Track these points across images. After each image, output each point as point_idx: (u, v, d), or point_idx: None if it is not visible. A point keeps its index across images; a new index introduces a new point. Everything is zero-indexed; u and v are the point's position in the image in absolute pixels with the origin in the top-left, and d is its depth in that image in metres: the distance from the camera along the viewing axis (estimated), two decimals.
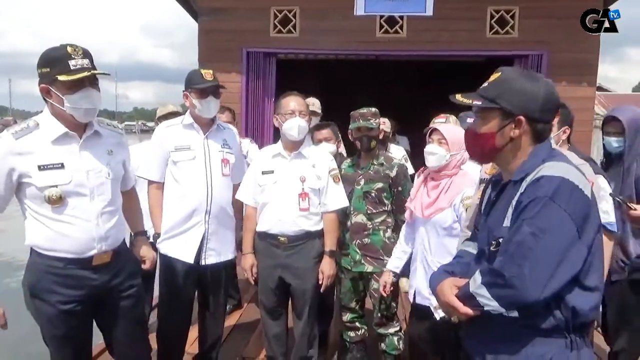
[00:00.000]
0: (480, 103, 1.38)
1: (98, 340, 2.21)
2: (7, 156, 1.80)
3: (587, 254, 1.26)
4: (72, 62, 1.79)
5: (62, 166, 1.85)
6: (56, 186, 1.83)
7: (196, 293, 2.78)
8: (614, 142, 2.60)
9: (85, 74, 1.80)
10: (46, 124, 1.88)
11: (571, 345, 1.29)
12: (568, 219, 1.22)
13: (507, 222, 1.33)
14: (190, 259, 2.59)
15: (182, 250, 2.59)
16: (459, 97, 1.45)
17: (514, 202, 1.32)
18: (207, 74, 2.58)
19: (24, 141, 1.82)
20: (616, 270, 2.54)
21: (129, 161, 2.23)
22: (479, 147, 1.43)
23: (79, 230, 1.88)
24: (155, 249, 2.62)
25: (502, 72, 1.41)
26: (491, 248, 1.36)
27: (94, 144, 1.96)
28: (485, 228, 1.45)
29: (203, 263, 2.63)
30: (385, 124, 4.08)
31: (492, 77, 1.41)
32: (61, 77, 1.77)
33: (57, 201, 1.84)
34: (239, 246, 2.85)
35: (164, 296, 2.70)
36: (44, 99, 1.88)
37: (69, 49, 1.81)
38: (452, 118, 2.90)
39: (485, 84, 1.42)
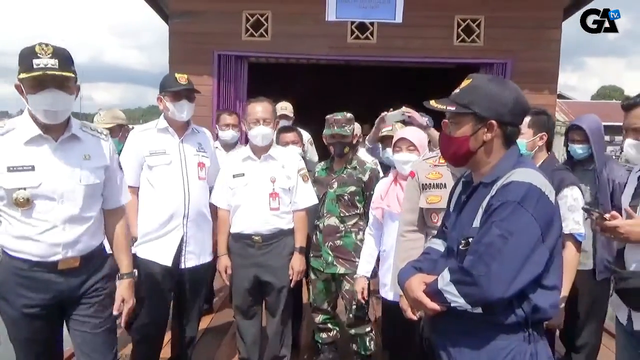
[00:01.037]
0: (453, 109, 1.44)
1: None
2: None
3: (549, 256, 1.34)
4: (36, 61, 1.73)
5: (32, 168, 1.80)
6: (24, 189, 1.78)
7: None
8: (579, 149, 2.78)
9: (38, 73, 1.73)
10: (22, 124, 1.84)
11: (529, 338, 1.37)
12: (534, 223, 1.30)
13: (476, 223, 1.40)
14: (168, 262, 2.56)
15: (160, 253, 2.57)
16: (432, 103, 1.51)
17: (484, 204, 1.39)
18: (182, 77, 2.59)
19: None
20: (601, 270, 2.72)
21: (118, 171, 2.09)
22: (453, 151, 1.49)
23: (43, 234, 1.83)
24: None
25: (473, 79, 1.48)
26: (460, 247, 1.43)
27: (69, 148, 1.89)
28: (455, 227, 1.52)
29: (183, 266, 2.62)
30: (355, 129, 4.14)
31: (464, 84, 1.48)
32: (20, 75, 1.75)
33: (25, 204, 1.79)
34: (215, 249, 2.84)
35: (140, 300, 2.64)
36: None
37: (37, 47, 1.75)
38: (398, 125, 3.00)
39: (457, 90, 1.48)
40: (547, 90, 5.19)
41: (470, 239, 1.39)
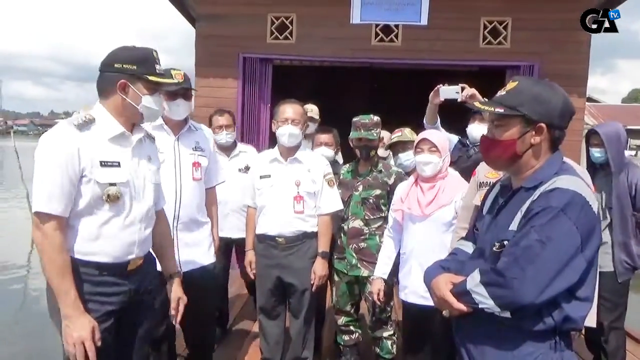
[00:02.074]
0: (502, 110, 1.43)
1: None
2: (73, 148, 1.69)
3: (586, 267, 1.32)
4: (157, 66, 1.84)
5: (119, 165, 1.80)
6: (115, 184, 1.77)
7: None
8: (596, 153, 2.93)
9: (171, 80, 1.91)
10: (103, 120, 1.80)
11: (555, 346, 1.35)
12: (575, 231, 1.28)
13: (513, 226, 1.38)
14: (158, 267, 2.37)
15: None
16: (477, 104, 1.50)
17: (523, 208, 1.37)
18: (178, 74, 2.46)
19: (88, 134, 1.74)
20: (621, 272, 2.85)
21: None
22: (499, 154, 1.47)
23: (125, 233, 1.81)
24: None
25: (519, 82, 1.46)
26: (494, 249, 1.41)
27: (140, 147, 1.92)
28: (489, 229, 1.51)
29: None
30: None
31: (509, 86, 1.46)
32: (153, 78, 1.80)
33: (115, 200, 1.76)
34: (219, 252, 2.77)
35: None
36: (103, 94, 1.81)
37: (154, 53, 1.85)
38: (407, 130, 3.02)
39: (503, 93, 1.46)
40: (576, 94, 5.06)
41: (506, 242, 1.38)
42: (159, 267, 2.11)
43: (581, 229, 1.29)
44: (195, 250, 2.54)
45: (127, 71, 1.79)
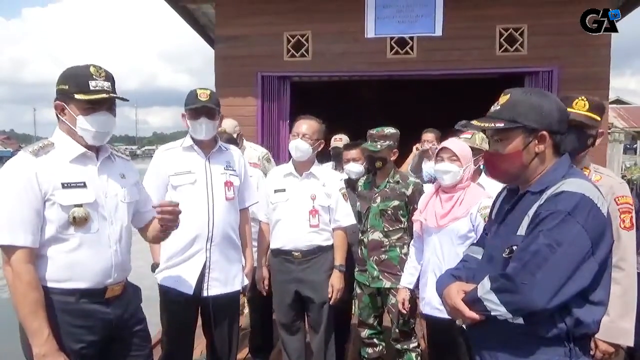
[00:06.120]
0: (502, 125, 1.44)
1: None
2: (31, 176, 1.65)
3: (598, 270, 1.31)
4: (92, 83, 1.72)
5: (84, 185, 1.73)
6: (81, 205, 1.70)
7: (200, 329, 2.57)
8: None
9: (103, 96, 1.73)
10: (62, 143, 1.76)
11: (570, 353, 1.33)
12: (584, 234, 1.28)
13: (521, 231, 1.38)
14: (189, 289, 2.40)
15: (181, 280, 2.41)
16: (475, 122, 1.52)
17: (530, 213, 1.37)
18: (203, 93, 2.44)
19: (45, 159, 1.70)
20: None
21: (142, 186, 2.08)
22: (506, 168, 1.47)
23: (99, 256, 1.75)
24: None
25: (510, 94, 1.47)
26: (504, 255, 1.41)
27: (108, 166, 1.86)
28: (498, 235, 1.51)
29: (205, 294, 2.43)
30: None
31: (502, 99, 1.48)
32: (78, 96, 1.70)
33: (82, 222, 1.70)
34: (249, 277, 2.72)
35: (165, 331, 2.52)
36: (58, 117, 1.79)
37: (91, 69, 1.74)
38: (479, 135, 2.80)
39: (497, 107, 1.48)
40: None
41: (515, 247, 1.37)
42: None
43: (590, 231, 1.29)
44: (226, 274, 2.49)
45: (62, 92, 1.74)
